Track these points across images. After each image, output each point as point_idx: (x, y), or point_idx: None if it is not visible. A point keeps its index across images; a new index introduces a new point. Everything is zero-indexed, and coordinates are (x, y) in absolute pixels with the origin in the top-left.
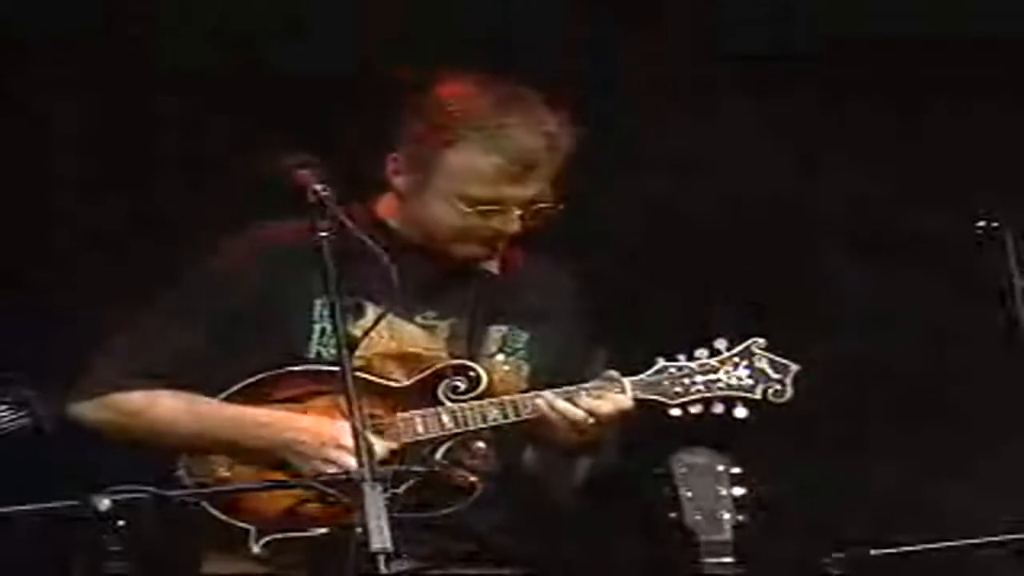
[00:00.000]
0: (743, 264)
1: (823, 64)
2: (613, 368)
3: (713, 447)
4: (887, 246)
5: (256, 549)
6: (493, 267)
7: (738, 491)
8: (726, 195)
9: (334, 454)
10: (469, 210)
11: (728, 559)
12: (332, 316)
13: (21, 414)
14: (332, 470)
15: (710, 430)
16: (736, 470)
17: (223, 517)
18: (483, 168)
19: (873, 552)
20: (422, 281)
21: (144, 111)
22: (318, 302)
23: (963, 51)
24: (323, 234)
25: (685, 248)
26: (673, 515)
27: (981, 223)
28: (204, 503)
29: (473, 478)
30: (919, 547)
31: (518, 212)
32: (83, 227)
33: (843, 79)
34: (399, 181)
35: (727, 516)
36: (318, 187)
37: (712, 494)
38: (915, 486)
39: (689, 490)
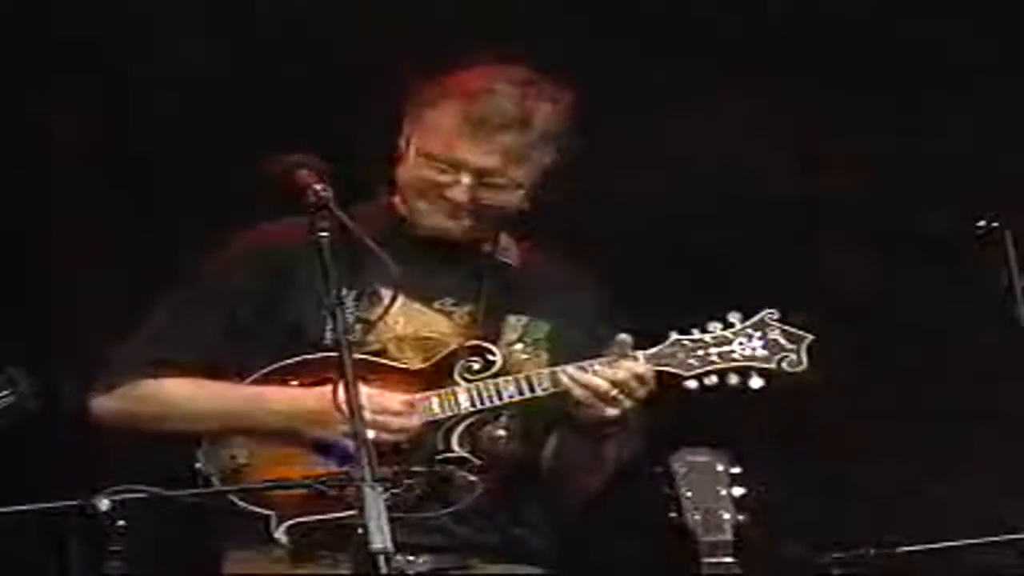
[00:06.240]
0: (743, 260)
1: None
2: None
3: (713, 446)
4: (889, 243)
5: (279, 534)
6: (512, 260)
7: (738, 491)
8: (725, 192)
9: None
10: (425, 167)
11: (728, 559)
12: (333, 316)
13: (6, 392)
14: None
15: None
16: (736, 470)
17: (244, 505)
18: (444, 123)
19: (873, 552)
20: (438, 269)
21: (144, 112)
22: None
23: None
24: (323, 234)
25: (684, 246)
26: (673, 515)
27: (981, 222)
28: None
29: (472, 478)
30: (919, 547)
31: (467, 179)
32: (83, 224)
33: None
34: (401, 144)
35: (727, 516)
36: (318, 187)
37: (712, 494)
38: (915, 486)
39: (689, 490)
